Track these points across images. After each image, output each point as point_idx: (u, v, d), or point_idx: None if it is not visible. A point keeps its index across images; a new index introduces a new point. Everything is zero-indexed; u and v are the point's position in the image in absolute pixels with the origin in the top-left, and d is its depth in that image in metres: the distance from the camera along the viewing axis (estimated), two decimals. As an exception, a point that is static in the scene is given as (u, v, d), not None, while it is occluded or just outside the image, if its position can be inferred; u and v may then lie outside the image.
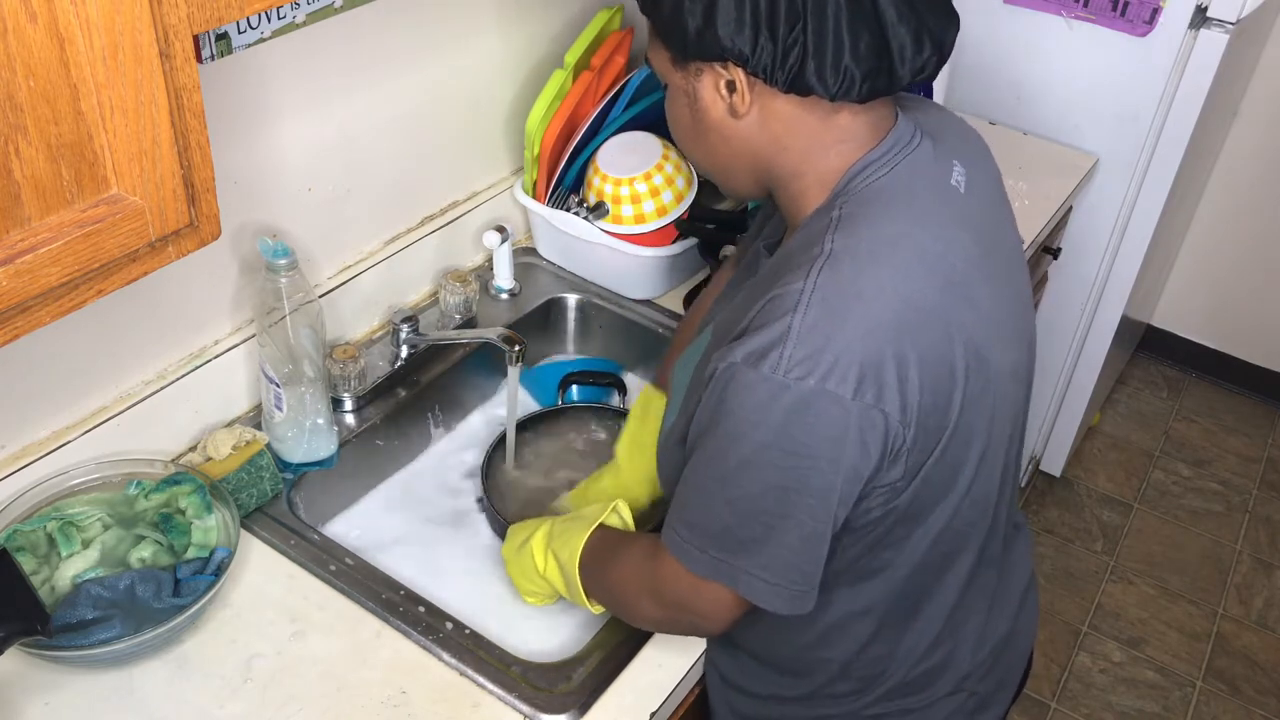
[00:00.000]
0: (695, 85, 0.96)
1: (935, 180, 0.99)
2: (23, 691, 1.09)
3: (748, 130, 0.97)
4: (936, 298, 0.92)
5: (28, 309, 0.75)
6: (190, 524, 1.18)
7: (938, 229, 0.96)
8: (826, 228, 0.94)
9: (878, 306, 0.89)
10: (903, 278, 0.91)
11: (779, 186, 1.01)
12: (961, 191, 1.00)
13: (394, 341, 1.49)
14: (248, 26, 1.18)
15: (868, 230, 0.93)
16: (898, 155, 0.97)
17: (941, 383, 0.92)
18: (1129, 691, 2.38)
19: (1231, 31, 2.01)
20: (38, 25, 0.67)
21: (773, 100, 0.94)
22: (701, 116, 0.98)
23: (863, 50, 0.89)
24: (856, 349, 0.87)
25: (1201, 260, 3.02)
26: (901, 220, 0.94)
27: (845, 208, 0.95)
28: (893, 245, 0.92)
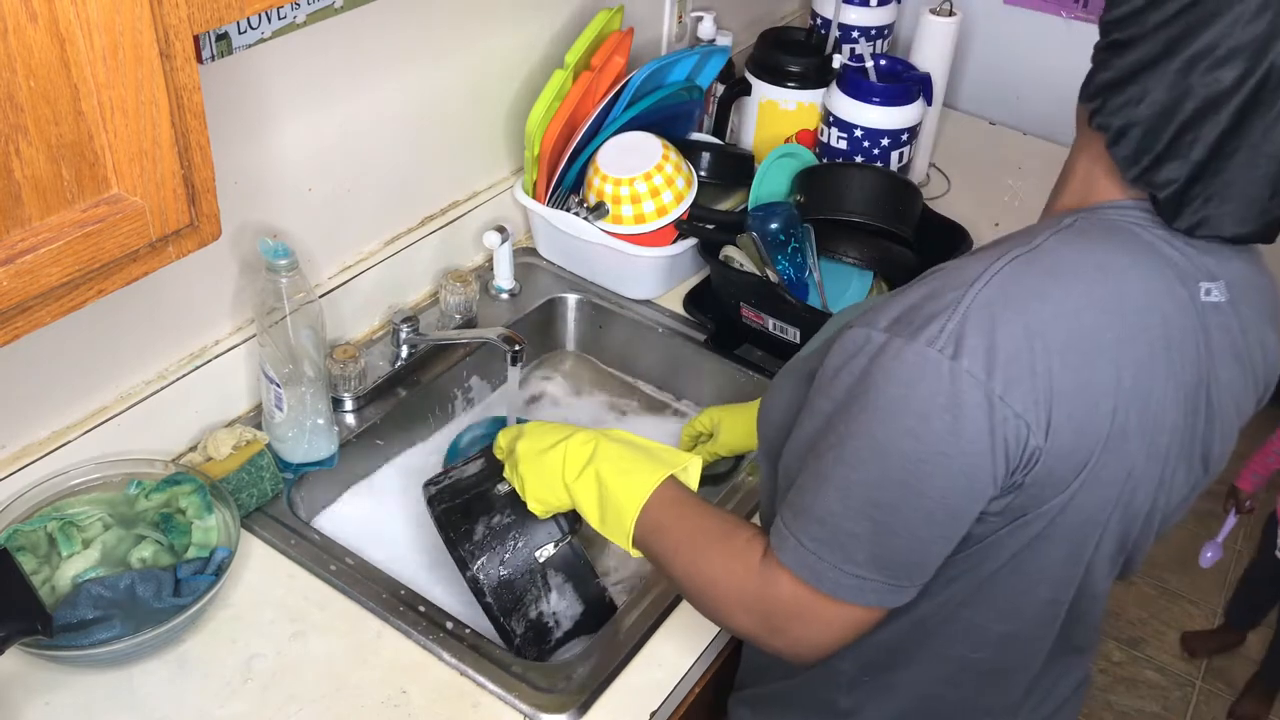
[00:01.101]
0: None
1: (1184, 269, 0.91)
2: (23, 691, 1.09)
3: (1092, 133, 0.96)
4: (1117, 344, 0.86)
5: (28, 309, 0.76)
6: (190, 524, 1.19)
7: (1155, 295, 0.89)
8: (1051, 226, 0.91)
9: (1054, 319, 0.84)
10: (1091, 305, 0.86)
11: (1064, 181, 1.01)
12: (1209, 300, 0.92)
13: (394, 341, 1.49)
14: (248, 27, 1.18)
15: (1084, 246, 0.88)
16: (1152, 218, 0.92)
17: (1085, 429, 0.85)
18: (1129, 691, 2.38)
19: (1231, 31, 2.00)
20: (38, 25, 0.67)
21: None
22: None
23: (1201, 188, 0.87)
24: (1017, 350, 0.82)
25: (1201, 260, 3.01)
26: (1124, 259, 0.89)
27: (1082, 221, 0.91)
28: (1101, 271, 0.87)
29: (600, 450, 1.06)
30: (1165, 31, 0.85)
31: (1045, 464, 0.85)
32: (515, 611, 1.15)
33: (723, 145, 1.86)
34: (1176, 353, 0.90)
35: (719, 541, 0.97)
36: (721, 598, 0.96)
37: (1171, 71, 0.85)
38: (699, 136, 1.85)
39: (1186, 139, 0.86)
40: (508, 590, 1.14)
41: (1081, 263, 0.88)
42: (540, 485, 1.10)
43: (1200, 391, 0.93)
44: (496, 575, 1.14)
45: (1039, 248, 0.88)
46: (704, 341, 1.60)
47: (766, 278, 1.54)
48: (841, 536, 0.88)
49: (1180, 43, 0.84)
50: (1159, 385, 0.89)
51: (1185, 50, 0.84)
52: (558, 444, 1.09)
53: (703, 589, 0.98)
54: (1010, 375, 0.82)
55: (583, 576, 1.18)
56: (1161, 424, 0.91)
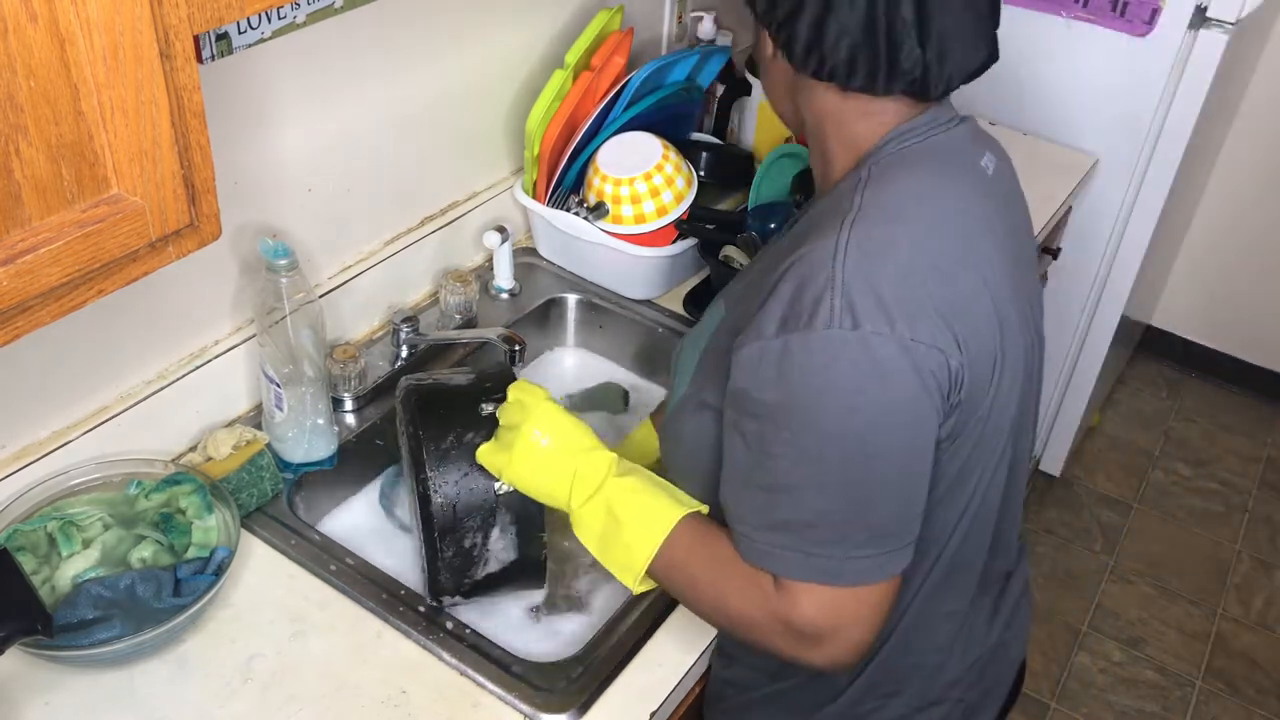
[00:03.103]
0: (768, 43, 1.02)
1: (967, 158, 1.02)
2: (23, 691, 1.09)
3: (807, 90, 1.01)
4: (963, 252, 0.94)
5: (28, 309, 0.76)
6: (190, 524, 1.19)
7: (964, 194, 0.99)
8: (855, 186, 0.96)
9: (913, 253, 0.91)
10: (932, 232, 0.93)
11: (821, 150, 1.04)
12: (989, 173, 1.03)
13: (394, 341, 1.49)
14: (248, 26, 1.18)
15: (895, 189, 0.95)
16: (932, 130, 0.99)
17: (981, 330, 0.93)
18: (1129, 691, 2.38)
19: (1231, 32, 2.01)
20: (38, 25, 0.67)
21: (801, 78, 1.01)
22: (774, 73, 1.05)
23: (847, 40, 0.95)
24: (902, 292, 0.88)
25: (1201, 260, 3.02)
26: (929, 179, 0.97)
27: (874, 168, 0.97)
28: (920, 200, 0.95)
29: (612, 483, 1.02)
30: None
31: (969, 376, 0.92)
32: (452, 533, 1.11)
33: (723, 145, 1.86)
34: (993, 229, 1.00)
35: (732, 574, 0.97)
36: (752, 630, 0.97)
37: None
38: (699, 136, 1.85)
39: (898, 26, 0.92)
40: (453, 510, 1.10)
41: (903, 200, 0.95)
42: (534, 486, 1.06)
43: (1009, 243, 1.02)
44: (451, 492, 1.09)
45: (862, 207, 0.93)
46: (704, 341, 1.60)
47: (766, 278, 1.54)
48: (835, 529, 0.90)
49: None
50: (999, 267, 0.97)
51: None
52: (569, 457, 1.03)
53: (732, 626, 0.99)
54: (908, 314, 0.87)
55: (530, 527, 1.13)
56: (1011, 298, 0.99)
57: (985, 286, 0.95)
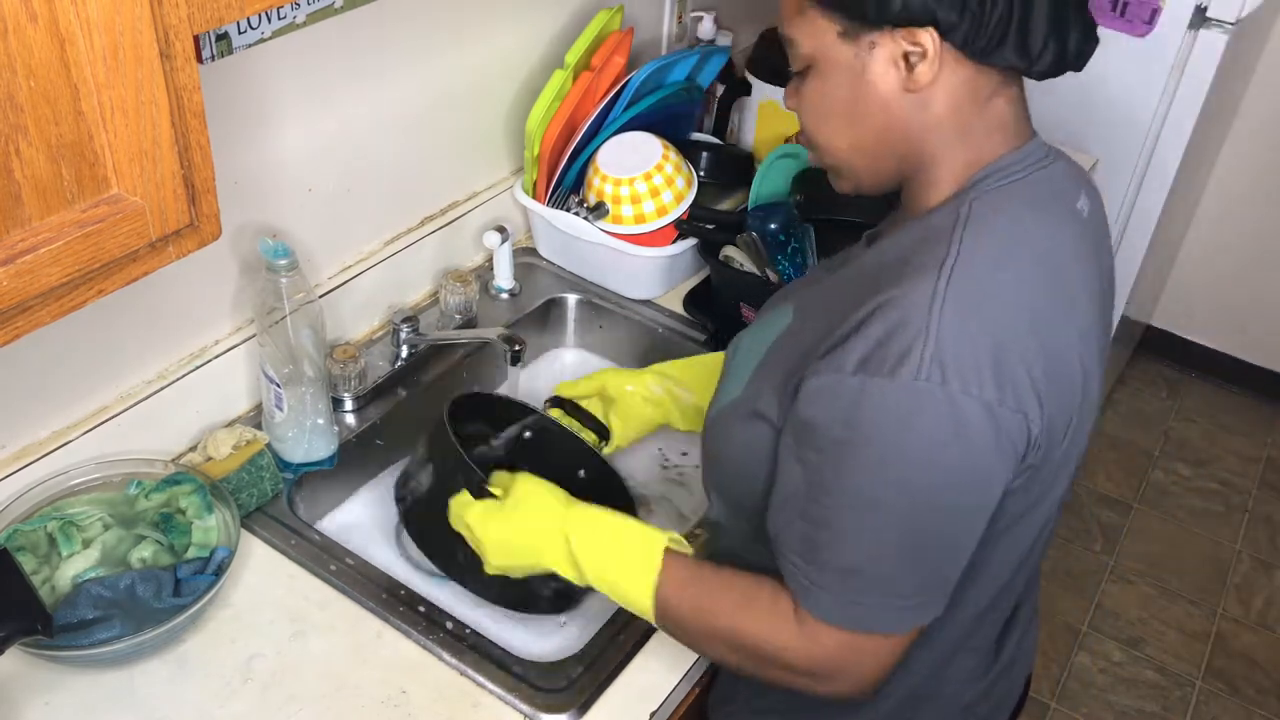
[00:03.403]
0: (866, 58, 0.90)
1: (1063, 199, 0.97)
2: (23, 691, 1.09)
3: (911, 107, 0.91)
4: (1059, 307, 0.91)
5: (28, 309, 0.76)
6: (190, 524, 1.19)
7: (1064, 242, 0.94)
8: (954, 224, 0.91)
9: (1010, 309, 0.87)
10: (1030, 283, 0.90)
11: (914, 172, 0.96)
12: (1084, 217, 0.98)
13: (394, 341, 1.49)
14: (248, 26, 1.18)
15: (997, 231, 0.90)
16: (1030, 167, 0.95)
17: (1066, 389, 0.91)
18: (1129, 691, 2.38)
19: (1231, 32, 2.01)
20: (38, 25, 0.67)
21: (951, 73, 0.90)
22: (866, 93, 0.91)
23: (1060, 27, 0.88)
24: (994, 352, 0.85)
25: (1201, 260, 3.02)
26: (1031, 225, 0.92)
27: (975, 205, 0.92)
28: (1021, 250, 0.90)
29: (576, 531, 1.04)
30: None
31: (1047, 436, 0.89)
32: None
33: (723, 145, 1.86)
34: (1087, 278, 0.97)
35: (743, 611, 0.96)
36: (765, 665, 0.97)
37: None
38: (699, 136, 1.85)
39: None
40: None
41: (1004, 249, 0.90)
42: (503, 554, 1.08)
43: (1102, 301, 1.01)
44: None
45: (961, 254, 0.88)
46: (704, 341, 1.60)
47: (766, 278, 1.54)
48: (882, 579, 0.90)
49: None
50: (1090, 316, 0.96)
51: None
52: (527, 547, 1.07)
53: (743, 664, 0.99)
54: (997, 375, 0.85)
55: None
56: (1097, 348, 0.97)
57: (1078, 341, 0.92)
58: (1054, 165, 0.97)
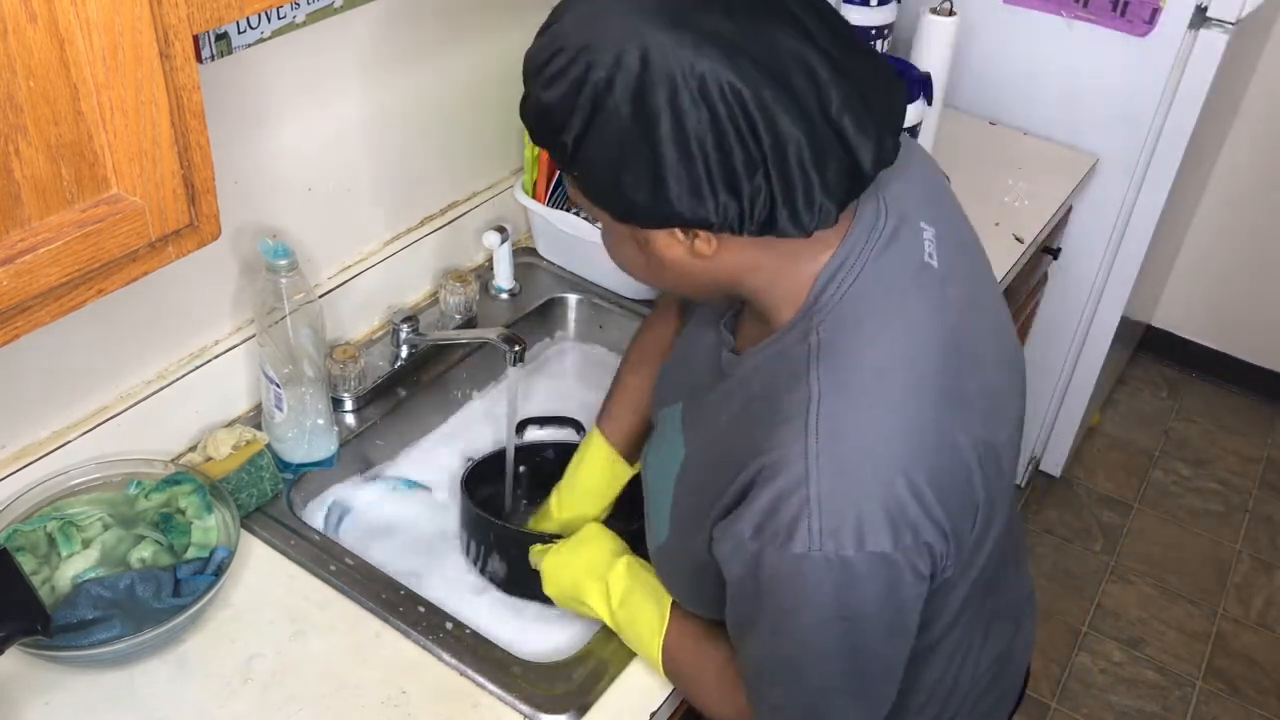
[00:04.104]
0: (648, 234, 0.87)
1: (908, 265, 0.91)
2: (23, 691, 1.09)
3: (713, 266, 0.88)
4: (937, 416, 0.88)
5: (28, 309, 0.76)
6: (190, 524, 1.19)
7: (922, 332, 0.89)
8: (807, 358, 0.87)
9: (887, 452, 0.85)
10: (900, 410, 0.86)
11: (749, 300, 0.94)
12: (935, 265, 0.93)
13: (394, 341, 1.49)
14: (248, 26, 1.18)
15: (852, 364, 0.86)
16: (864, 251, 0.89)
17: (964, 491, 0.90)
18: (1129, 691, 2.38)
19: (1231, 31, 2.01)
20: (38, 26, 0.67)
21: (737, 242, 0.86)
22: (657, 259, 0.89)
23: (832, 179, 0.81)
24: (881, 501, 0.83)
25: (1201, 260, 3.02)
26: (883, 339, 0.88)
27: (823, 332, 0.88)
28: (881, 375, 0.87)
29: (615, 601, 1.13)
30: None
31: (954, 540, 0.89)
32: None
33: (723, 145, 1.85)
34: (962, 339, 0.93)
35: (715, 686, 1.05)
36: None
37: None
38: (699, 136, 1.85)
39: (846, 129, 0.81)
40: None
41: (865, 380, 0.86)
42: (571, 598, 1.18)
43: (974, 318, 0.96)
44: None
45: (823, 396, 0.85)
46: (704, 341, 1.60)
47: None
48: (813, 712, 0.93)
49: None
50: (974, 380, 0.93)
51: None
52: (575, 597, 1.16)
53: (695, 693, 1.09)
54: (891, 525, 0.84)
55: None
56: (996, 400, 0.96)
57: (966, 429, 0.89)
58: (884, 231, 0.90)
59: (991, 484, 0.93)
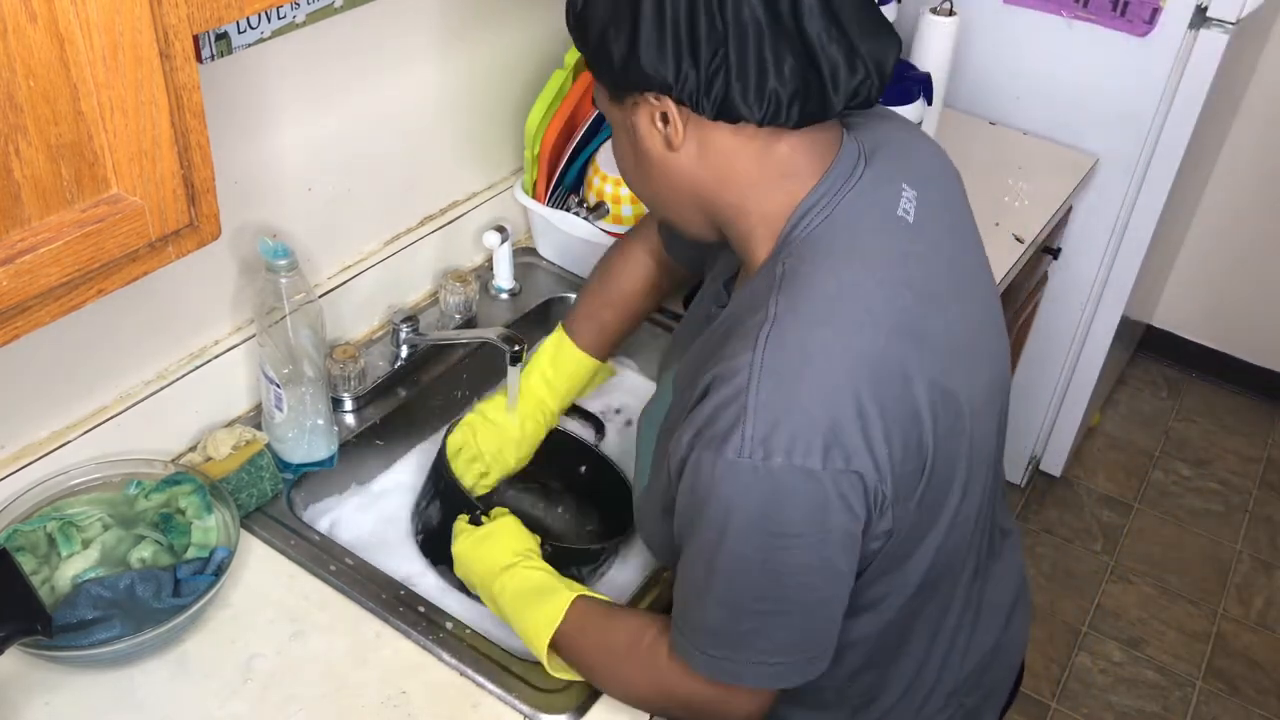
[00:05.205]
0: (633, 119, 0.94)
1: (881, 214, 0.95)
2: (23, 691, 1.09)
3: (687, 164, 0.94)
4: (888, 346, 0.90)
5: (28, 309, 0.76)
6: (190, 524, 1.18)
7: (884, 271, 0.93)
8: (770, 288, 0.92)
9: (828, 368, 0.87)
10: (850, 334, 0.89)
11: (727, 225, 0.98)
12: (910, 220, 0.96)
13: (394, 341, 1.49)
14: (248, 26, 1.18)
15: (809, 289, 0.90)
16: (839, 194, 0.94)
17: (909, 429, 0.90)
18: (1129, 691, 2.38)
19: (1231, 31, 2.01)
20: (38, 25, 0.67)
21: (708, 131, 0.92)
22: (642, 152, 0.96)
23: (787, 73, 0.87)
24: (816, 416, 0.85)
25: (1201, 260, 3.02)
26: (844, 271, 0.91)
27: (788, 263, 0.92)
28: (835, 301, 0.90)
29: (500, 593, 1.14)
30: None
31: (894, 480, 0.89)
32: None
33: (723, 145, 1.85)
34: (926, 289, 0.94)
35: (627, 658, 1.04)
36: (647, 704, 1.06)
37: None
38: (699, 136, 1.85)
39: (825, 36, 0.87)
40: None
41: (818, 304, 0.90)
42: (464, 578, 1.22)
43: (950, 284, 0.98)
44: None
45: (777, 317, 0.89)
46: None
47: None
48: (740, 638, 0.93)
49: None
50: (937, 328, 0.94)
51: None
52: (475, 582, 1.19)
53: (629, 701, 1.07)
54: (823, 442, 0.85)
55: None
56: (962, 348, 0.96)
57: (921, 369, 0.91)
58: (864, 177, 0.95)
59: (947, 435, 0.93)
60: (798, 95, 0.88)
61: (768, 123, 0.89)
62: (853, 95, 0.90)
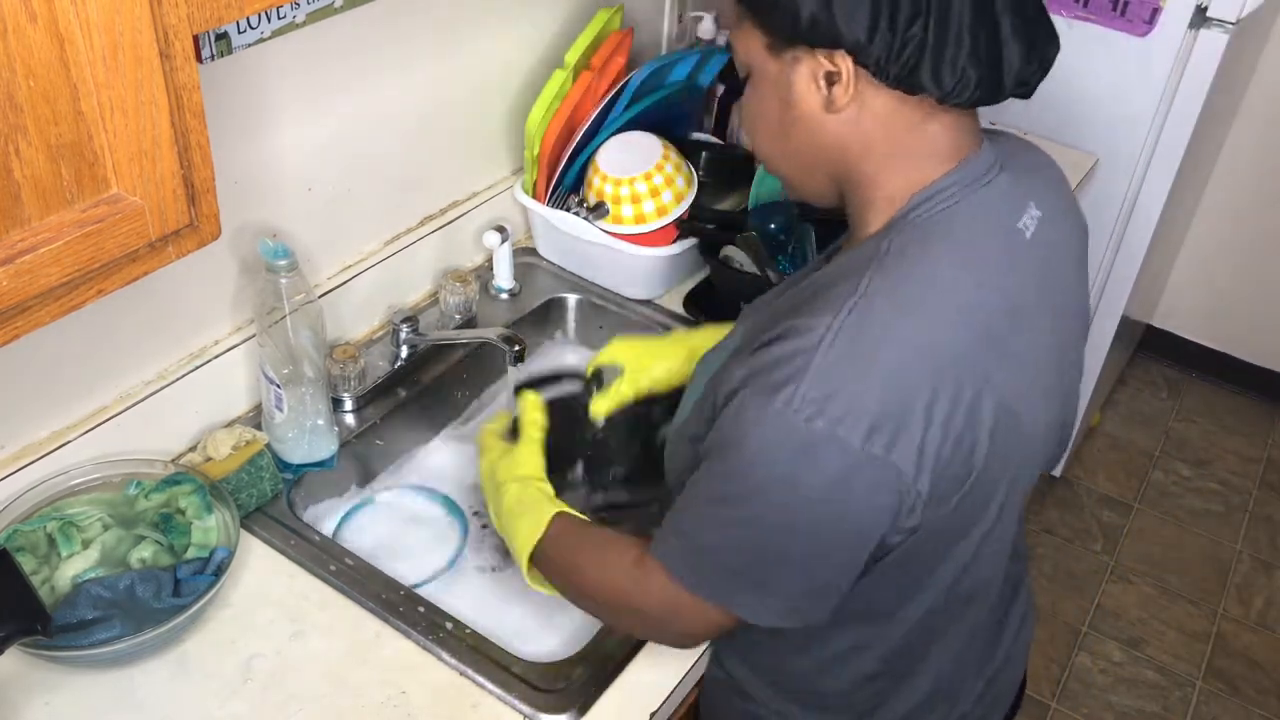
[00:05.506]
0: (790, 74, 0.91)
1: (1001, 221, 0.95)
2: (23, 691, 1.09)
3: (839, 126, 0.92)
4: (968, 350, 0.89)
5: (28, 309, 0.76)
6: (190, 524, 1.18)
7: (986, 275, 0.92)
8: (871, 260, 0.90)
9: (903, 355, 0.86)
10: (934, 327, 0.88)
11: (852, 191, 0.96)
12: (1028, 237, 0.96)
13: (394, 341, 1.49)
14: (248, 26, 1.18)
15: (908, 273, 0.89)
16: (967, 189, 0.93)
17: (965, 438, 0.88)
18: (1129, 691, 2.38)
19: (1231, 31, 2.01)
20: (38, 25, 0.67)
21: (874, 96, 0.90)
22: (792, 109, 0.93)
23: (981, 53, 0.86)
24: (874, 396, 0.84)
25: (1201, 260, 3.02)
26: (946, 264, 0.90)
27: (896, 240, 0.91)
28: (929, 290, 0.89)
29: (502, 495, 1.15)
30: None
31: (933, 481, 0.88)
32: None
33: (723, 145, 1.86)
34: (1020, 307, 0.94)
35: (599, 564, 1.04)
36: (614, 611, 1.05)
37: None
38: (699, 136, 1.85)
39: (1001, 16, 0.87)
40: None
41: (913, 290, 0.89)
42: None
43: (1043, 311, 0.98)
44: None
45: (868, 292, 0.88)
46: (704, 341, 1.60)
47: (767, 278, 1.54)
48: (721, 564, 0.93)
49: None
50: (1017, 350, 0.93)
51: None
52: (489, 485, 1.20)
53: (600, 611, 1.07)
54: (871, 424, 0.84)
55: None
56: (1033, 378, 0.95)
57: (994, 382, 0.90)
58: (996, 181, 0.95)
59: (999, 455, 0.92)
60: (983, 79, 0.87)
61: (948, 100, 0.88)
62: (1021, 84, 0.90)
